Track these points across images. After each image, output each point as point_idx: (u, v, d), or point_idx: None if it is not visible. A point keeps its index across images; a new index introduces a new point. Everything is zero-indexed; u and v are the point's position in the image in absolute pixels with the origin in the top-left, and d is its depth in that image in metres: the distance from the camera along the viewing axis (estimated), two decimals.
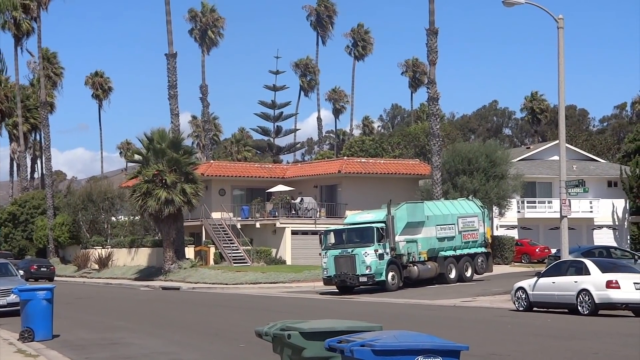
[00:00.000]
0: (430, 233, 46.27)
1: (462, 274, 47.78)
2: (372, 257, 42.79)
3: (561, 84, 37.54)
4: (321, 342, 10.75)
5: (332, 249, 44.23)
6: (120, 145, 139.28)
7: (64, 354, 19.48)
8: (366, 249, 42.91)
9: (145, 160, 60.43)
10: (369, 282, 43.13)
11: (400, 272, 44.12)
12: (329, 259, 43.97)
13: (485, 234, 49.95)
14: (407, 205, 46.07)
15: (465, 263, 48.18)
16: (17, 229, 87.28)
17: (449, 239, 47.44)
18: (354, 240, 44.03)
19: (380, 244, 43.18)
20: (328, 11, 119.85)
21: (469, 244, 48.68)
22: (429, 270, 45.81)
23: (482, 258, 49.21)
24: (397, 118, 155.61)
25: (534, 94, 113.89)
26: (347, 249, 43.39)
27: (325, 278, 44.65)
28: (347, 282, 43.22)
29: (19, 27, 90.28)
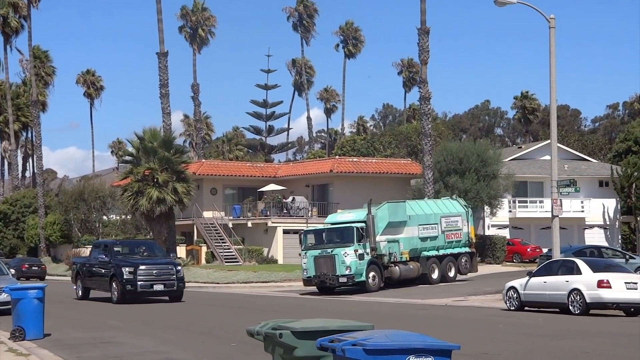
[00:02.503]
0: (413, 233, 45.43)
1: (445, 274, 47.02)
2: (352, 257, 42.04)
3: (552, 84, 37.59)
4: (313, 342, 10.75)
5: (311, 249, 43.60)
6: (112, 144, 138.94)
7: (56, 353, 19.43)
8: (346, 249, 42.15)
9: (136, 159, 60.36)
10: (348, 282, 42.53)
11: (381, 272, 43.35)
12: (308, 260, 43.37)
13: (469, 234, 49.14)
14: (389, 205, 45.38)
15: (448, 263, 47.43)
16: (8, 228, 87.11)
17: (432, 239, 46.66)
18: (334, 240, 43.28)
19: (361, 244, 42.40)
20: (308, 11, 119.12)
21: (453, 244, 47.91)
22: (411, 271, 45.01)
23: (466, 258, 48.47)
24: (388, 117, 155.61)
25: (524, 94, 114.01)
26: (327, 249, 42.75)
27: (305, 279, 44.14)
28: (327, 283, 42.70)
29: (8, 25, 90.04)
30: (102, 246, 39.12)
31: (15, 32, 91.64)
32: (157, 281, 35.71)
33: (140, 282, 35.38)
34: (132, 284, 35.33)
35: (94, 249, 40.03)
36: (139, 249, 39.03)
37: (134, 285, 35.33)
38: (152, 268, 35.82)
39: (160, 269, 36.05)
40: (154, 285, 35.56)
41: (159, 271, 35.94)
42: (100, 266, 37.45)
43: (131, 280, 35.32)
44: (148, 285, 35.48)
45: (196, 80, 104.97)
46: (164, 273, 35.98)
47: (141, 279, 35.38)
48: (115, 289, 35.87)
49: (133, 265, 35.67)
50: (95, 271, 38.07)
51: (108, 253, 37.34)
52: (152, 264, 36.30)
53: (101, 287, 37.66)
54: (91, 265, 38.49)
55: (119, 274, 35.48)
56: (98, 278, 37.82)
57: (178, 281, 36.12)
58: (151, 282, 35.53)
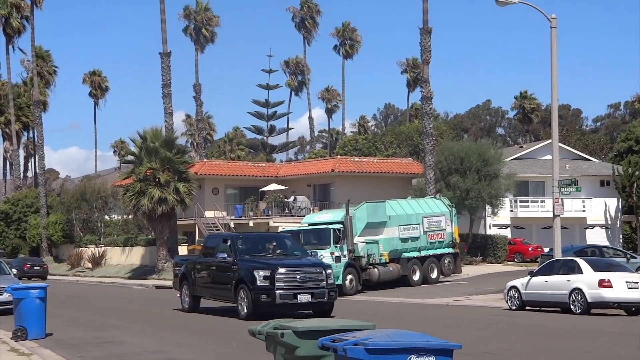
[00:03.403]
0: (393, 233, 44.24)
1: (427, 275, 45.88)
2: (329, 259, 39.79)
3: (554, 83, 37.58)
4: (314, 341, 10.76)
5: None
6: (114, 144, 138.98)
7: (58, 352, 19.45)
8: (322, 251, 40.28)
9: (138, 159, 60.42)
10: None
11: (358, 275, 41.85)
12: None
13: (453, 234, 48.11)
14: (367, 205, 44.11)
15: (430, 264, 46.32)
16: (10, 228, 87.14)
17: (413, 240, 45.51)
18: (310, 241, 41.56)
19: (337, 246, 41.09)
20: (311, 12, 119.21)
21: (435, 245, 46.84)
22: (391, 273, 43.68)
23: (449, 259, 47.47)
24: (390, 117, 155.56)
25: (523, 93, 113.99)
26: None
27: None
28: None
29: (9, 26, 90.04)
30: (222, 241, 29.71)
31: (17, 32, 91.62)
32: (302, 289, 26.64)
33: (280, 290, 26.36)
34: (268, 293, 26.34)
35: (209, 243, 31.07)
36: (269, 245, 29.75)
37: (270, 295, 26.30)
38: (295, 271, 26.90)
39: (306, 273, 27.07)
40: (298, 295, 26.56)
41: (305, 275, 26.93)
42: (220, 268, 28.78)
43: (267, 288, 26.39)
44: (290, 295, 26.51)
45: (198, 80, 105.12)
46: (311, 278, 27.00)
47: (281, 286, 26.43)
48: (243, 299, 26.94)
49: (270, 267, 26.75)
50: (212, 275, 29.50)
51: (231, 250, 28.31)
52: (295, 265, 27.39)
53: (221, 296, 29.10)
54: (206, 266, 29.91)
55: (249, 279, 26.70)
56: (217, 284, 29.21)
57: (329, 290, 27.20)
58: (294, 291, 26.60)
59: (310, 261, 28.34)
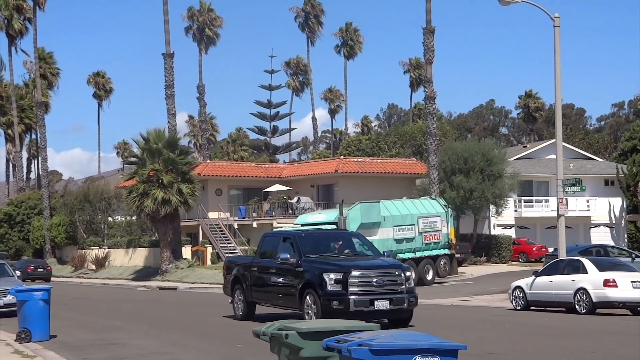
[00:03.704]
0: (387, 234, 43.83)
1: (423, 277, 45.17)
2: None
3: (557, 83, 37.54)
4: (319, 342, 10.75)
5: None
6: (117, 146, 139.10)
7: (61, 354, 19.43)
8: None
9: (141, 161, 60.44)
10: None
11: None
12: None
13: (448, 235, 47.66)
14: (361, 205, 43.88)
15: (426, 265, 45.86)
16: (13, 230, 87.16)
17: (408, 241, 45.10)
18: None
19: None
20: (315, 11, 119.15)
21: (431, 246, 46.43)
22: None
23: (445, 260, 47.09)
24: (393, 117, 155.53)
25: (528, 93, 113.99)
26: None
27: None
28: None
29: (12, 27, 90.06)
30: (282, 239, 26.29)
31: (19, 33, 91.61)
32: (379, 295, 23.25)
33: (355, 296, 22.94)
34: (340, 299, 22.88)
35: (266, 243, 27.46)
36: (334, 244, 26.23)
37: (343, 302, 22.86)
38: (370, 274, 23.44)
39: (384, 275, 23.61)
40: (375, 301, 23.15)
41: (382, 278, 23.50)
42: (281, 271, 25.23)
43: (339, 293, 22.95)
44: (366, 302, 23.04)
45: (202, 81, 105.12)
46: (389, 282, 23.57)
47: (355, 291, 23.03)
48: (310, 306, 23.54)
49: (341, 269, 23.37)
50: (271, 278, 25.91)
51: (294, 250, 24.80)
52: (370, 267, 23.91)
53: (282, 302, 25.60)
54: (264, 268, 26.39)
55: (318, 283, 23.33)
56: (277, 288, 25.58)
57: (409, 295, 23.86)
58: (371, 297, 23.18)
59: (386, 262, 24.58)
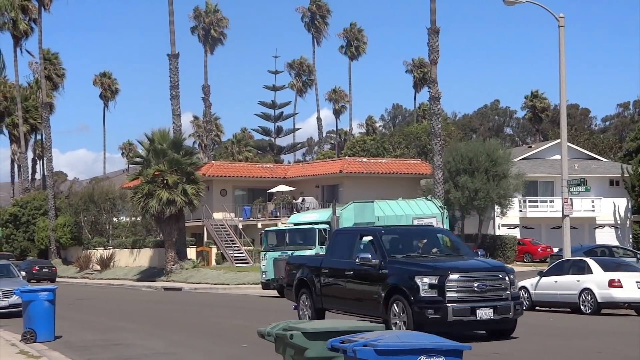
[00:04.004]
0: None
1: None
2: None
3: (562, 83, 37.52)
4: (324, 342, 10.74)
5: (272, 250, 41.66)
6: (122, 146, 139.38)
7: (66, 355, 19.47)
8: (306, 252, 39.22)
9: (146, 161, 60.47)
10: None
11: None
12: (268, 262, 41.27)
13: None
14: (355, 205, 42.82)
15: None
16: (18, 230, 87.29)
17: None
18: (295, 242, 41.15)
19: (323, 246, 39.07)
20: (321, 11, 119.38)
21: None
22: None
23: None
24: (398, 118, 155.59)
25: (534, 93, 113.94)
26: (287, 252, 39.95)
27: (263, 282, 42.09)
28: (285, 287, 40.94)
29: (17, 28, 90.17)
30: (359, 236, 22.71)
31: (24, 34, 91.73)
32: (481, 302, 19.64)
33: (454, 303, 19.36)
34: (436, 307, 19.32)
35: (339, 241, 23.56)
36: (418, 243, 22.66)
37: (440, 310, 19.28)
38: (471, 277, 19.85)
39: (485, 279, 19.92)
40: (476, 309, 19.55)
41: (484, 282, 19.84)
42: (360, 273, 21.45)
43: (434, 300, 19.40)
44: (466, 310, 19.47)
45: (207, 81, 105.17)
46: (492, 287, 19.92)
47: (454, 297, 19.44)
48: (399, 316, 19.92)
49: (436, 271, 19.78)
50: (348, 282, 22.15)
51: (376, 249, 21.20)
52: (470, 269, 20.38)
53: (362, 310, 21.76)
54: (338, 270, 22.59)
55: (408, 288, 19.71)
56: (355, 294, 21.86)
57: (514, 301, 20.28)
58: (472, 304, 19.55)
59: (488, 263, 21.51)
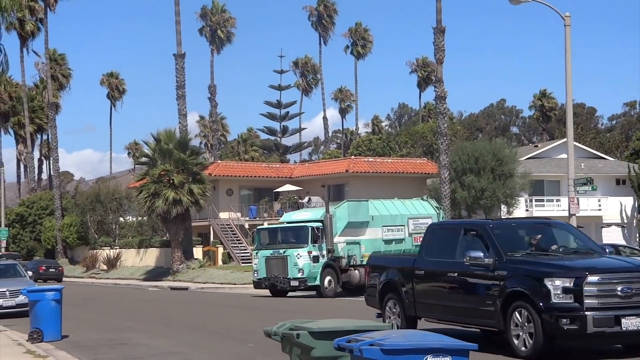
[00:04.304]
0: (376, 234, 41.80)
1: None
2: (305, 259, 39.35)
3: (568, 82, 37.48)
4: (330, 342, 10.75)
5: (264, 249, 41.12)
6: (128, 146, 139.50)
7: (73, 354, 19.49)
8: (299, 250, 39.46)
9: (152, 161, 60.51)
10: (300, 286, 39.79)
11: (337, 276, 40.27)
12: (259, 260, 40.87)
13: None
14: (349, 204, 42.27)
15: None
16: (25, 230, 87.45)
17: (398, 242, 42.67)
18: (288, 240, 40.59)
19: (316, 245, 39.70)
20: (328, 11, 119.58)
21: None
22: None
23: None
24: (404, 117, 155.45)
25: (542, 92, 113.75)
26: (279, 250, 40.15)
27: (255, 281, 41.67)
28: (278, 286, 40.15)
29: (23, 28, 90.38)
30: (462, 231, 19.10)
31: (31, 34, 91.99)
32: (628, 309, 16.14)
33: (593, 311, 15.97)
34: (572, 316, 15.98)
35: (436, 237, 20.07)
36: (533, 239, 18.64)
37: (577, 320, 15.94)
38: (613, 279, 16.37)
39: (629, 280, 16.38)
40: (622, 318, 16.03)
41: (629, 286, 16.29)
42: (467, 275, 18.12)
43: (569, 308, 16.05)
44: (609, 320, 16.01)
45: (213, 81, 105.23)
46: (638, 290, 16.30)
47: (594, 304, 16.06)
48: (522, 325, 16.76)
49: (571, 272, 16.39)
50: (451, 286, 18.73)
51: (488, 246, 17.81)
52: (610, 269, 17.05)
53: (471, 319, 18.51)
54: (439, 272, 19.15)
55: (535, 292, 16.39)
56: (462, 300, 18.35)
57: None
58: (616, 312, 16.09)
59: (630, 262, 17.87)
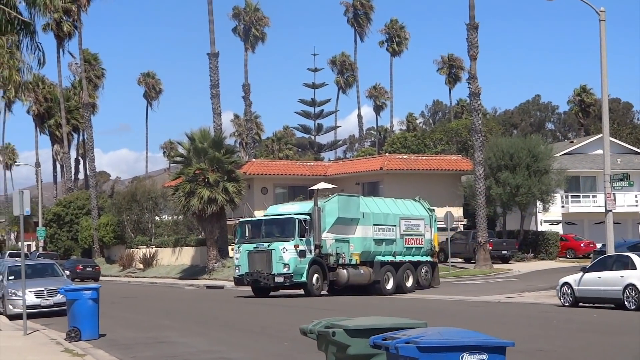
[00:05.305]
0: (366, 233, 39.94)
1: (402, 284, 41.01)
2: (292, 253, 37.22)
3: (604, 77, 37.19)
4: (366, 339, 10.75)
5: (246, 242, 38.75)
6: (163, 145, 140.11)
7: (111, 353, 19.62)
8: (285, 243, 37.30)
9: (187, 160, 60.70)
10: (286, 282, 37.60)
11: (325, 274, 38.28)
12: (241, 255, 38.56)
13: (432, 241, 43.67)
14: (340, 198, 39.97)
15: (405, 272, 41.49)
16: (62, 230, 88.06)
17: (388, 243, 41.14)
18: (272, 233, 38.41)
19: (303, 239, 37.52)
20: (364, 7, 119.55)
21: (412, 251, 42.47)
22: (361, 276, 39.42)
23: (427, 268, 42.84)
24: (438, 114, 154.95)
25: (582, 87, 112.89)
26: (264, 244, 37.89)
27: (236, 277, 39.45)
28: (261, 282, 37.99)
29: (61, 29, 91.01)
30: None
31: (68, 35, 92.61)
32: None
33: None
34: None
35: None
36: None
37: None
38: None
39: None
40: None
41: None
42: None
43: None
44: None
45: (247, 80, 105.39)
46: None
47: None
48: None
49: None
50: None
51: None
52: None
53: None
54: None
55: None
56: None
57: None
58: None
59: None
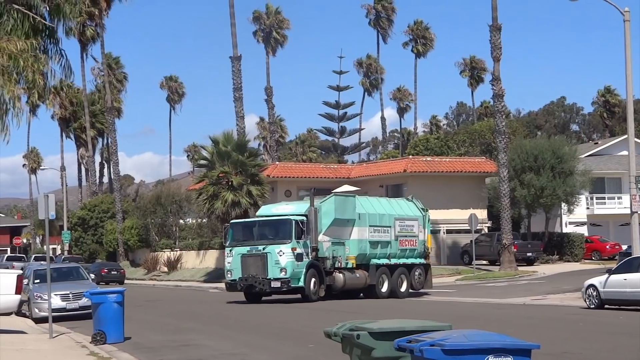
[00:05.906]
0: (362, 235, 38.58)
1: (396, 287, 39.71)
2: (289, 256, 35.79)
3: (629, 77, 37.01)
4: (390, 342, 10.74)
5: (238, 245, 37.18)
6: (187, 148, 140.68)
7: (136, 356, 19.67)
8: (281, 246, 35.83)
9: (211, 163, 60.86)
10: (283, 287, 36.13)
11: (322, 278, 36.98)
12: (234, 259, 36.97)
13: (425, 242, 42.40)
14: (336, 198, 38.72)
15: (400, 275, 40.15)
16: (87, 233, 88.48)
17: (384, 245, 39.83)
18: (267, 236, 36.97)
19: (300, 241, 36.13)
20: (386, 10, 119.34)
21: (406, 253, 41.08)
22: (358, 280, 38.26)
23: (420, 271, 41.38)
24: (462, 116, 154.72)
25: (607, 88, 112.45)
26: (258, 246, 36.47)
27: (228, 282, 37.70)
28: (256, 288, 36.46)
29: (84, 34, 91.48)
30: None
31: (91, 40, 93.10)
32: None
33: None
34: None
35: None
36: None
37: None
38: None
39: None
40: None
41: None
42: None
43: None
44: None
45: (269, 83, 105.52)
46: None
47: None
48: None
49: None
50: None
51: None
52: None
53: None
54: None
55: None
56: None
57: None
58: None
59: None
